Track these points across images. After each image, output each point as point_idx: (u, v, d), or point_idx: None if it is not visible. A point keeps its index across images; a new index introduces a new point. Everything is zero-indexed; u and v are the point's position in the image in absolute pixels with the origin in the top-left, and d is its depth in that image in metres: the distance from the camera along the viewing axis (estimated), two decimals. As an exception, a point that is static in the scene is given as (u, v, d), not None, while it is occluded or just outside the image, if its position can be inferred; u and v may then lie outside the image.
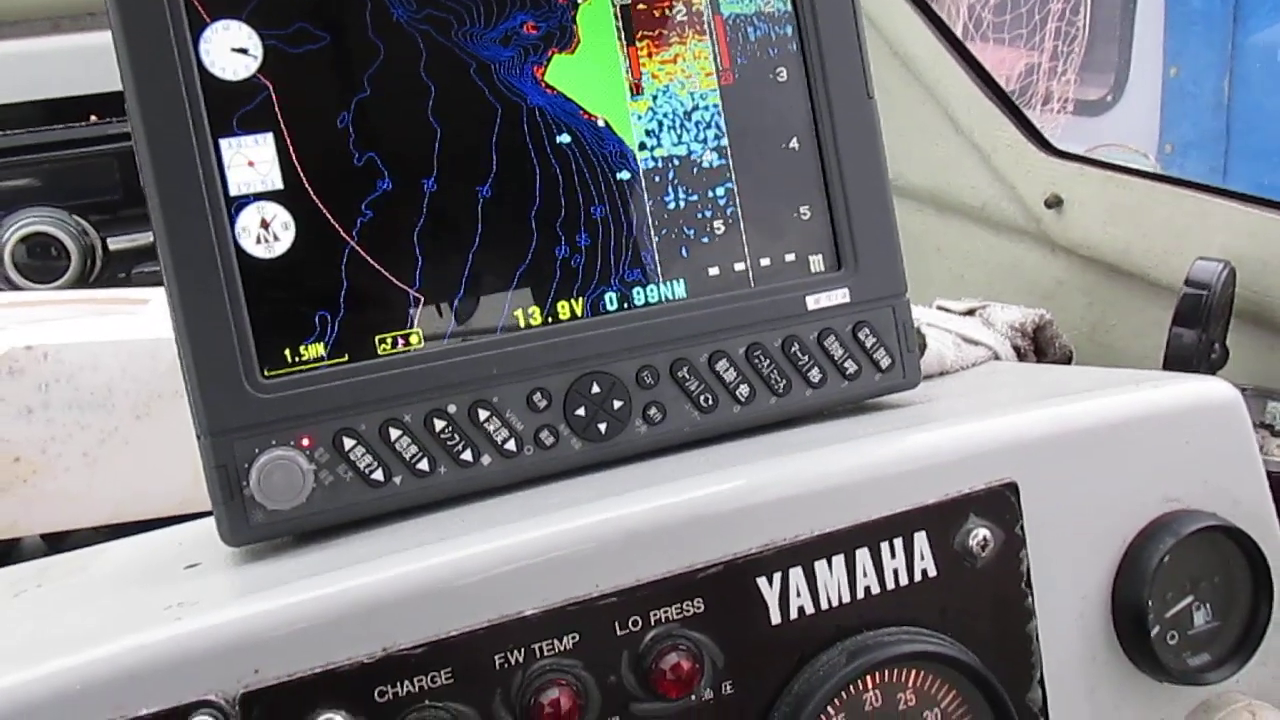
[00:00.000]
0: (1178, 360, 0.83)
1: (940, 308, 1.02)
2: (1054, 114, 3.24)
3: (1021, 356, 0.97)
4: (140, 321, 0.93)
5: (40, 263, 1.09)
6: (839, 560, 0.59)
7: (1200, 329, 0.80)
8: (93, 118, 1.18)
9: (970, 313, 1.01)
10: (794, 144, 0.71)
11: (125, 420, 0.89)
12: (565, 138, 0.66)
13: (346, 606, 0.51)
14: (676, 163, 0.68)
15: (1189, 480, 0.68)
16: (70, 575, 0.68)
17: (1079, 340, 1.07)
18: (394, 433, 0.61)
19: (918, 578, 0.61)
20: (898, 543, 0.60)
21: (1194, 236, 0.92)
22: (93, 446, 0.88)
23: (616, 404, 0.66)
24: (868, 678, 0.59)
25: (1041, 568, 0.64)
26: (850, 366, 0.71)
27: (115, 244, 1.13)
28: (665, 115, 0.68)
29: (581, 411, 0.65)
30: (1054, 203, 1.02)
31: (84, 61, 1.24)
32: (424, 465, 0.62)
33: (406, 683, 0.52)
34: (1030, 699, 0.64)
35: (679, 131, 0.68)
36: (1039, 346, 0.98)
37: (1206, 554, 0.68)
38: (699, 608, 0.56)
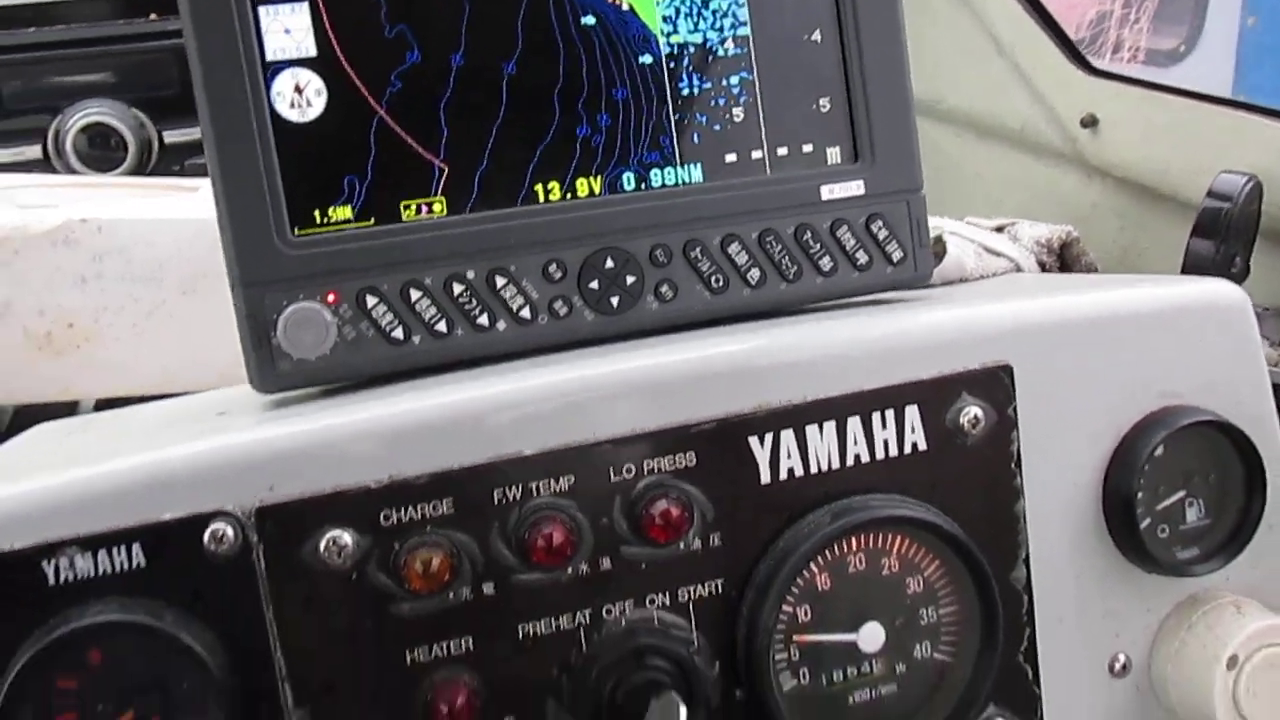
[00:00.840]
0: (1194, 271, 0.83)
1: (970, 223, 1.03)
2: (1124, 63, 3.16)
3: (1046, 271, 0.97)
4: (190, 203, 0.98)
5: (99, 152, 1.14)
6: (830, 427, 0.61)
7: (1219, 241, 0.80)
8: (153, 15, 1.22)
9: (999, 229, 1.02)
10: (816, 36, 0.72)
11: (172, 295, 0.94)
12: (590, 19, 0.68)
13: (357, 434, 0.55)
14: (696, 50, 0.70)
15: (1188, 378, 0.68)
16: (114, 422, 0.73)
17: (1109, 264, 1.07)
18: (414, 294, 0.64)
19: (907, 450, 0.63)
20: (889, 414, 0.62)
21: (1227, 155, 0.92)
22: (141, 318, 0.93)
23: (629, 279, 0.68)
24: (852, 539, 0.62)
25: (1032, 451, 0.66)
26: (862, 257, 0.73)
27: (170, 137, 1.18)
28: (686, 2, 0.70)
29: (595, 285, 0.67)
30: (1090, 122, 1.02)
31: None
32: (442, 327, 0.65)
33: (410, 509, 0.55)
34: (1014, 577, 0.66)
35: (699, 19, 0.70)
36: (1064, 263, 0.99)
37: (1201, 450, 0.69)
38: (691, 461, 0.59)
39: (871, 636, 0.62)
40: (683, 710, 0.54)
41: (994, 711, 0.66)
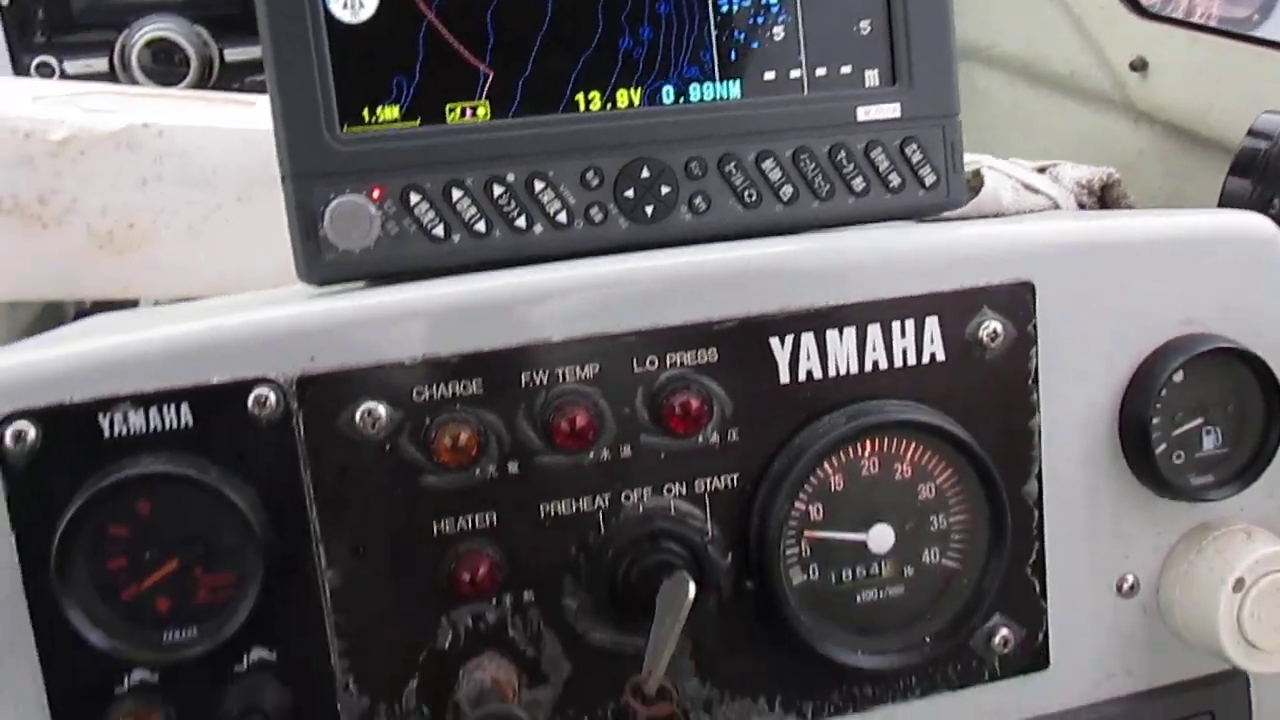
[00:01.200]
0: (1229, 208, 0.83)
1: (1013, 162, 1.03)
2: (1192, 30, 3.08)
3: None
4: (247, 115, 1.01)
5: (163, 67, 1.18)
6: (850, 332, 0.63)
7: (1256, 179, 0.80)
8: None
9: (1041, 170, 1.02)
10: (858, -43, 0.73)
11: (228, 201, 0.97)
12: (636, -68, 0.69)
13: (395, 313, 0.58)
14: (739, -34, 0.71)
15: (1212, 306, 0.69)
16: (168, 310, 0.77)
17: (1152, 211, 1.06)
18: (456, 194, 0.67)
19: (926, 360, 0.64)
20: (909, 324, 0.64)
21: (1274, 98, 0.91)
22: (197, 222, 0.97)
23: (664, 189, 0.70)
24: (866, 443, 0.63)
25: (1050, 369, 0.67)
26: (894, 180, 0.74)
27: (231, 55, 1.21)
28: (733, -82, 0.71)
29: (630, 193, 0.69)
30: (1139, 66, 1.01)
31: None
32: (481, 227, 0.67)
33: (441, 386, 0.58)
34: (1026, 491, 0.67)
35: (745, -65, 0.71)
36: (1105, 205, 0.99)
37: (1221, 379, 0.70)
38: (713, 358, 0.61)
39: (881, 538, 0.64)
40: (692, 588, 0.57)
41: (1000, 621, 0.68)
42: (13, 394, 0.54)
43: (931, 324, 0.64)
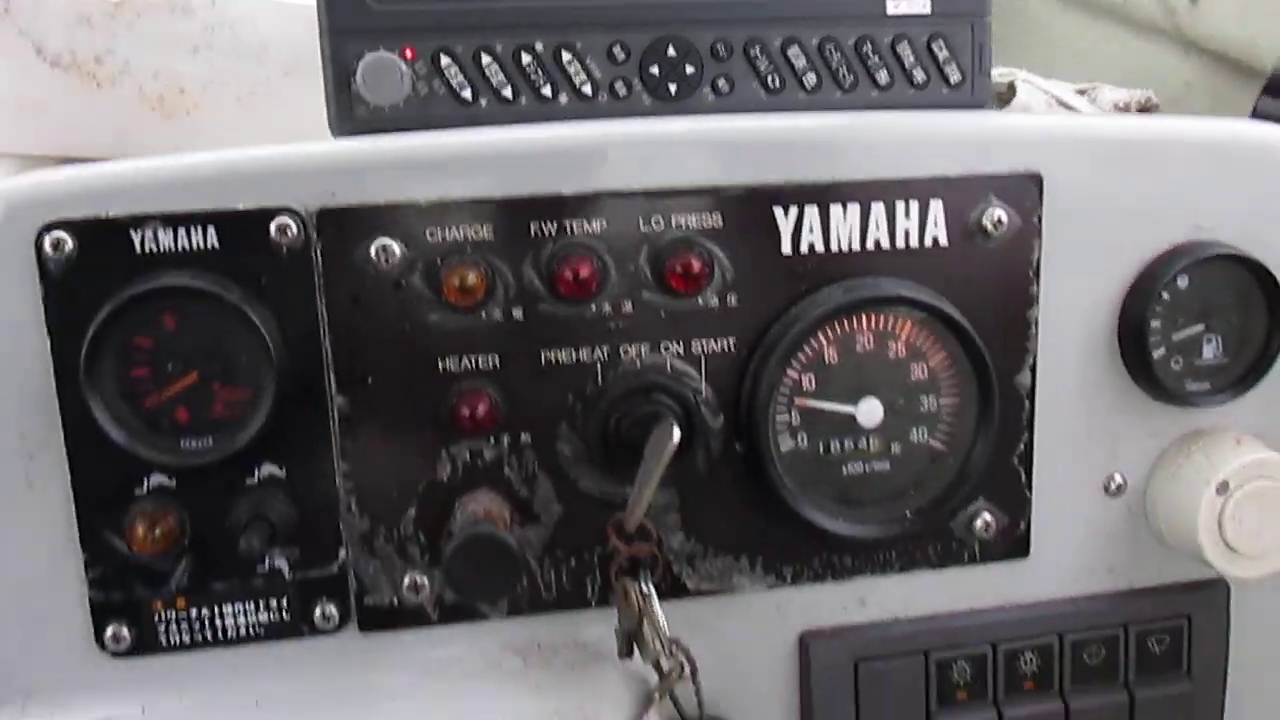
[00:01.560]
0: (1261, 129, 0.82)
1: (1054, 82, 1.03)
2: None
3: (1118, 134, 0.97)
4: (298, -8, 1.03)
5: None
6: (854, 208, 0.64)
7: (1290, 99, 0.79)
8: None
9: (1080, 93, 1.02)
10: None
11: (275, 75, 1.00)
12: None
13: (412, 156, 0.61)
14: None
15: (1222, 213, 0.69)
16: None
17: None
18: (485, 59, 0.69)
19: (928, 243, 0.66)
20: (913, 205, 0.65)
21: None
22: (245, 94, 1.00)
23: (689, 69, 0.71)
24: (863, 318, 0.65)
25: (1053, 263, 0.68)
26: (919, 76, 0.74)
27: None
28: None
29: (655, 70, 0.71)
30: (1190, -8, 1.00)
31: None
32: (508, 93, 0.69)
33: (453, 229, 0.61)
34: (1019, 381, 0.69)
35: None
36: (1139, 130, 0.98)
37: (1226, 287, 0.70)
38: (718, 223, 0.63)
39: (870, 412, 0.66)
40: (676, 432, 0.59)
41: (983, 506, 0.70)
42: (53, 205, 0.57)
43: (936, 207, 0.65)
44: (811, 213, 0.64)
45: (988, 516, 0.70)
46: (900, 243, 0.66)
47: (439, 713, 0.62)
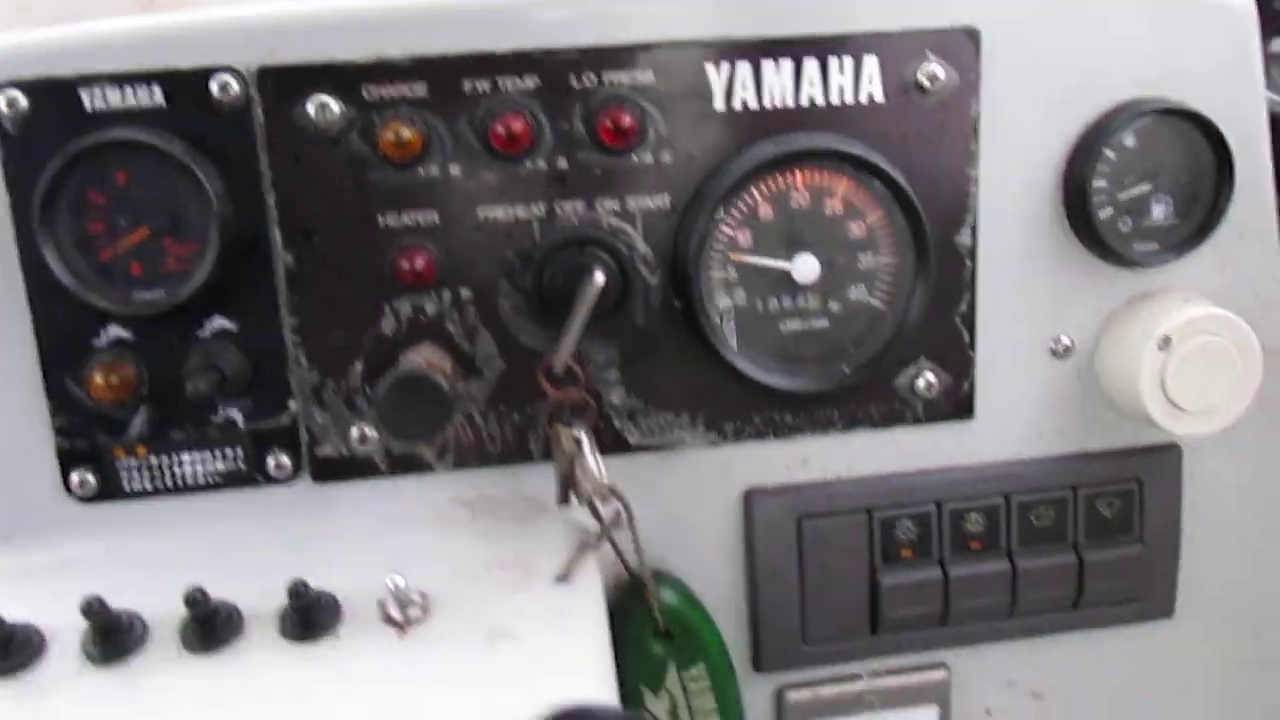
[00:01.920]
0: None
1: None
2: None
3: None
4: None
5: None
6: (786, 64, 0.65)
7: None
8: None
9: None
10: None
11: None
12: None
13: (350, 14, 0.62)
14: None
15: (1168, 70, 0.69)
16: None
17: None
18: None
19: (863, 99, 0.66)
20: (847, 60, 0.65)
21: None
22: (234, -2, 1.02)
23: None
24: (797, 173, 0.66)
25: (993, 120, 0.68)
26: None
27: None
28: None
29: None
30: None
31: None
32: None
33: (389, 86, 0.62)
34: (960, 240, 0.69)
35: None
36: None
37: (1174, 144, 0.69)
38: (650, 79, 0.64)
39: (806, 269, 0.67)
40: (600, 276, 0.61)
41: (925, 365, 0.71)
42: (6, 64, 0.60)
43: (870, 63, 0.66)
44: (744, 69, 0.65)
45: (930, 376, 0.71)
46: (835, 99, 0.66)
47: (384, 559, 0.64)
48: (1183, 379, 0.68)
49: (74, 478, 0.65)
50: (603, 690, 0.57)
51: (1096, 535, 0.74)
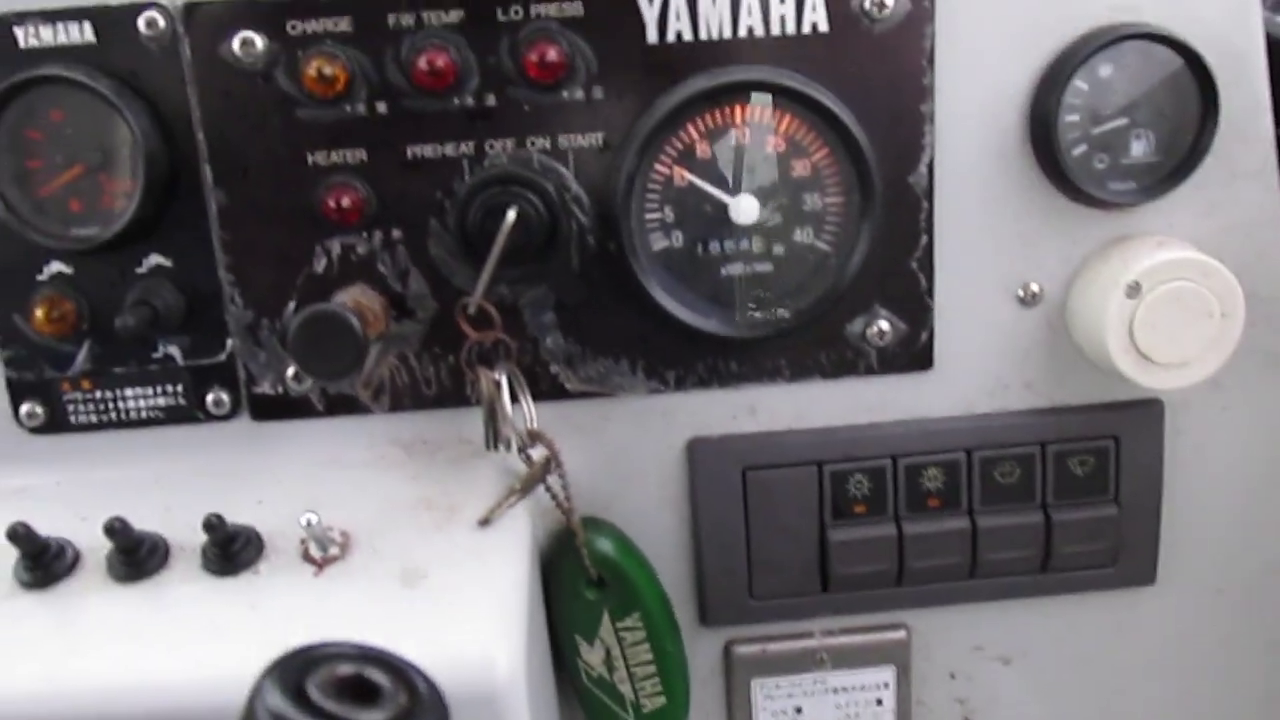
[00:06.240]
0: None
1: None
2: None
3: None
4: None
5: None
6: (723, -9, 0.62)
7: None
8: None
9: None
10: None
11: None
12: None
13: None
14: None
15: (1151, -7, 0.63)
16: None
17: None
18: None
19: (806, 29, 0.63)
20: (788, -13, 0.62)
21: None
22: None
23: None
24: (736, 109, 0.63)
25: (951, 51, 0.64)
26: None
27: None
28: None
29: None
30: None
31: None
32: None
33: (313, 22, 0.62)
34: (914, 180, 0.65)
35: None
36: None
37: (1153, 75, 0.64)
38: (578, 11, 0.62)
39: (746, 208, 0.64)
40: (512, 214, 0.60)
41: (879, 313, 0.67)
42: (-57, 4, 0.62)
43: (814, -12, 0.62)
44: (678, -1, 0.62)
45: (883, 324, 0.67)
46: (775, 29, 0.63)
47: (314, 497, 0.65)
48: (1152, 328, 0.63)
49: (23, 409, 0.67)
50: (510, 635, 0.56)
51: (1067, 495, 0.70)
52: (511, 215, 0.60)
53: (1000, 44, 0.64)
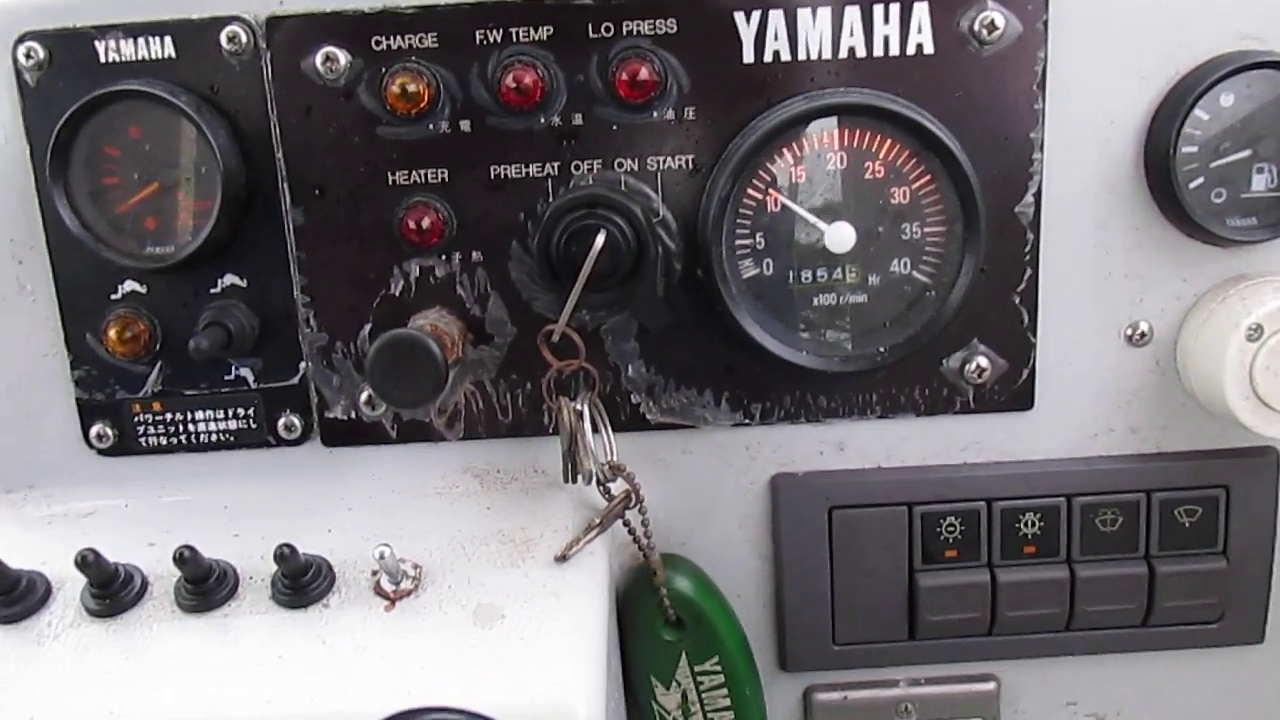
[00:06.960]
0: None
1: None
2: None
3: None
4: None
5: None
6: (825, 13, 0.59)
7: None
8: None
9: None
10: None
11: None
12: None
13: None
14: None
15: (1272, 18, 0.60)
16: None
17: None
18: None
19: (911, 51, 0.60)
20: (894, 8, 0.59)
21: None
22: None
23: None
24: (833, 134, 0.60)
25: (1064, 76, 0.60)
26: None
27: None
28: None
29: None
30: None
31: None
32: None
33: (397, 37, 0.60)
34: (1021, 210, 0.62)
35: None
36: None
37: (1277, 103, 0.61)
38: (671, 29, 0.59)
39: (841, 237, 0.61)
40: (600, 239, 0.57)
41: (978, 349, 0.64)
42: (24, 17, 0.60)
43: (920, 10, 0.59)
44: (776, 17, 0.59)
45: (982, 361, 0.64)
46: (879, 50, 0.60)
47: (387, 527, 0.62)
48: (1274, 375, 0.60)
49: (94, 430, 0.66)
50: (589, 680, 0.54)
51: (1172, 546, 0.66)
52: (601, 240, 0.57)
53: (1116, 70, 0.61)
